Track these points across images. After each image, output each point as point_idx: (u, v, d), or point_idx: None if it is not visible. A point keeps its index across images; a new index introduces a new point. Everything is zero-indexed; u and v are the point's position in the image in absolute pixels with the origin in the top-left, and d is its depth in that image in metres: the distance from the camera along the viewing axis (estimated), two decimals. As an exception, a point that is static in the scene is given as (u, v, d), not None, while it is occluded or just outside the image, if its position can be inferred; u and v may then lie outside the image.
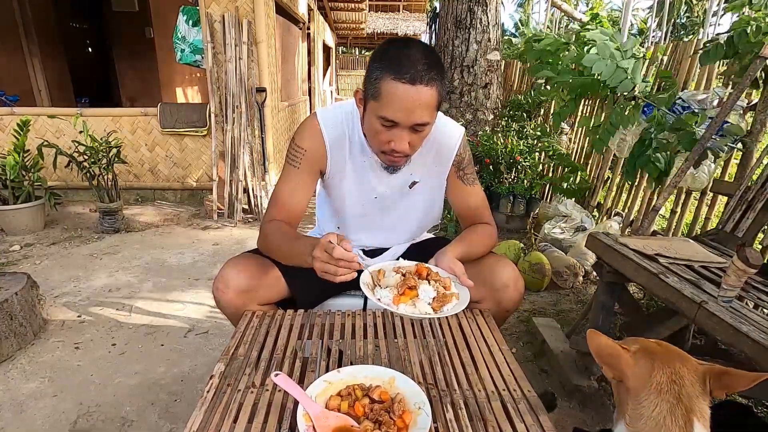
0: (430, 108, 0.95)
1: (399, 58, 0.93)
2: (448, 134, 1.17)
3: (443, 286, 0.94)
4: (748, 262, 1.01)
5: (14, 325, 1.81)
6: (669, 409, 0.65)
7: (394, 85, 0.91)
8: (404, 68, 0.91)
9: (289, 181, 1.13)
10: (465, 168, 1.20)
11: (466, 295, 0.94)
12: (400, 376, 0.81)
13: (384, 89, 0.93)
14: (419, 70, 0.91)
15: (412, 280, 0.93)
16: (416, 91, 0.91)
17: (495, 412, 0.78)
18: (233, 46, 3.55)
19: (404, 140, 0.97)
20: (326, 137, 1.11)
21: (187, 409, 1.54)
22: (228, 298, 1.07)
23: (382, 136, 0.99)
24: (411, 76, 0.90)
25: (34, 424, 1.47)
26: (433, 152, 1.16)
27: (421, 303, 0.90)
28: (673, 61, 2.52)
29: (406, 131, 0.96)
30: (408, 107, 0.92)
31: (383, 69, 0.93)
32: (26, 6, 5.02)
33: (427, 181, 1.20)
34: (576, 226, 2.88)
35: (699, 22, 13.64)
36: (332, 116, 1.12)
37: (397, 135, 0.97)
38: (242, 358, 0.92)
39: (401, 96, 0.92)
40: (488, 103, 3.93)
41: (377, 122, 0.97)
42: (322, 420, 0.71)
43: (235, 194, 3.63)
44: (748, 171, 1.76)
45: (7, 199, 3.11)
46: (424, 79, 0.91)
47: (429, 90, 0.93)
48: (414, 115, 0.94)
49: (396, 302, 0.90)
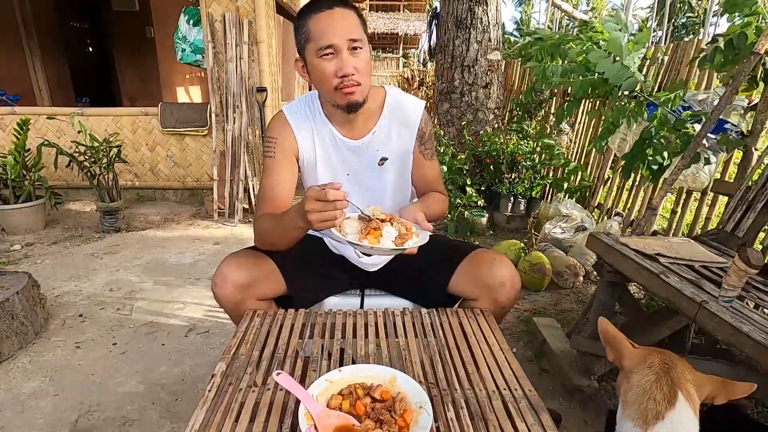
0: (356, 26, 1.03)
1: (313, 2, 1.04)
2: (409, 107, 1.21)
3: (405, 227, 1.00)
4: (749, 263, 1.01)
5: (15, 324, 1.81)
6: (655, 379, 0.71)
7: (317, 17, 1.01)
8: (319, 4, 1.02)
9: (269, 173, 1.16)
10: (426, 142, 1.24)
11: (426, 236, 1.00)
12: (401, 375, 0.81)
13: (312, 26, 1.02)
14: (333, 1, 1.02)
15: (375, 223, 0.98)
16: (338, 13, 1.02)
17: (496, 411, 0.78)
18: (234, 46, 3.55)
19: (349, 61, 1.02)
20: (292, 124, 1.16)
21: (188, 408, 1.54)
22: (226, 292, 1.08)
23: (328, 70, 1.03)
24: (328, 3, 1.02)
25: (35, 424, 1.47)
26: (397, 125, 1.19)
27: (385, 240, 0.96)
28: (674, 61, 2.52)
29: (347, 53, 1.02)
30: (336, 27, 1.01)
31: (305, 15, 1.03)
32: (27, 6, 5.02)
33: (395, 156, 1.22)
34: (576, 226, 2.88)
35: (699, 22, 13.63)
36: (295, 105, 1.19)
37: (340, 60, 1.02)
38: (244, 358, 0.92)
39: (326, 21, 1.01)
40: (489, 103, 3.92)
41: (321, 60, 1.03)
42: (323, 419, 0.71)
43: (236, 194, 3.64)
44: (748, 171, 1.76)
45: (8, 199, 3.11)
46: (339, 3, 1.02)
47: (349, 11, 1.03)
48: (346, 32, 1.01)
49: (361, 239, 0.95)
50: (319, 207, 0.87)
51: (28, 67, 5.23)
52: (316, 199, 0.87)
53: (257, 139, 3.74)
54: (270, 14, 3.83)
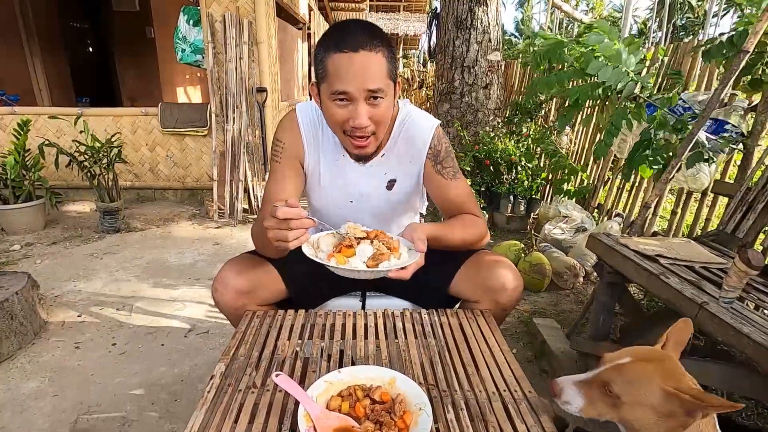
0: (379, 74, 0.93)
1: (339, 34, 0.93)
2: (420, 126, 1.13)
3: (387, 246, 0.93)
4: (749, 264, 1.01)
5: (14, 324, 1.81)
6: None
7: (339, 57, 0.91)
8: (345, 40, 0.91)
9: (275, 178, 1.13)
10: (442, 161, 1.15)
11: (413, 257, 0.92)
12: (400, 376, 0.81)
13: (330, 66, 0.92)
14: (360, 39, 0.91)
15: (348, 240, 0.93)
16: (361, 57, 0.90)
17: (496, 412, 0.77)
18: (234, 46, 3.55)
19: (362, 113, 0.94)
20: (303, 130, 1.11)
21: (188, 408, 1.54)
22: (227, 299, 1.07)
23: (339, 115, 0.96)
24: (353, 45, 0.90)
25: (34, 424, 1.47)
26: (406, 146, 1.13)
27: (355, 260, 0.90)
28: (674, 62, 2.52)
29: (362, 103, 0.94)
30: (356, 74, 0.91)
31: (326, 49, 0.93)
32: (27, 6, 5.02)
33: (404, 179, 1.17)
34: (576, 227, 2.88)
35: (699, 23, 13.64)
36: (309, 110, 1.13)
37: (353, 110, 0.94)
38: (243, 359, 0.92)
39: (347, 65, 0.91)
40: (489, 104, 3.92)
41: (333, 104, 0.95)
42: (323, 420, 0.71)
43: (236, 194, 3.64)
44: (748, 172, 1.76)
45: (8, 199, 3.11)
46: (366, 45, 0.91)
47: (375, 55, 0.92)
48: (364, 81, 0.91)
49: (329, 257, 0.90)
50: (273, 224, 0.82)
51: (28, 67, 5.23)
52: (272, 215, 0.82)
53: (257, 139, 3.74)
54: (270, 14, 3.83)
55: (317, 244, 0.97)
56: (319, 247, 0.97)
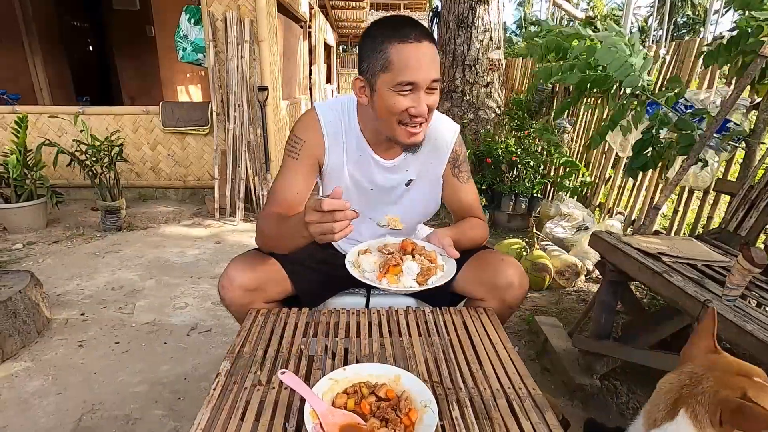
0: (438, 64, 0.98)
1: (397, 26, 0.96)
2: (443, 130, 1.17)
3: (428, 259, 0.96)
4: (753, 262, 1.01)
5: (18, 323, 1.82)
6: (667, 387, 0.66)
7: (404, 48, 0.94)
8: (406, 31, 0.94)
9: (287, 173, 1.12)
10: (460, 165, 1.21)
11: (453, 267, 0.96)
12: (405, 374, 0.81)
13: (395, 56, 0.94)
14: (420, 31, 0.95)
15: (394, 259, 0.94)
16: (425, 48, 0.95)
17: (501, 410, 0.78)
18: (235, 45, 3.55)
19: (424, 102, 0.98)
20: (324, 130, 1.11)
21: (191, 407, 1.54)
22: (233, 296, 1.07)
23: (400, 104, 0.97)
24: (416, 36, 0.94)
25: (38, 422, 1.47)
26: (429, 147, 1.16)
27: (406, 278, 0.92)
28: (676, 60, 2.52)
29: (424, 93, 0.97)
30: (423, 64, 0.95)
31: (385, 39, 0.95)
32: (27, 4, 5.01)
33: (423, 179, 1.19)
34: (578, 225, 2.88)
35: (700, 21, 13.62)
36: (331, 109, 1.13)
37: (416, 98, 0.97)
38: (248, 356, 0.92)
39: (414, 55, 0.94)
40: (490, 102, 3.92)
41: (393, 94, 0.97)
42: (329, 417, 0.71)
43: (237, 192, 3.64)
44: (751, 170, 1.76)
45: (10, 198, 3.11)
46: (427, 37, 0.96)
47: (433, 46, 0.97)
48: (431, 71, 0.96)
49: (379, 278, 0.92)
50: (317, 218, 0.82)
51: (28, 66, 5.22)
52: (314, 210, 0.82)
53: (258, 138, 3.74)
54: (271, 13, 3.83)
55: (358, 263, 0.98)
56: (360, 266, 0.97)
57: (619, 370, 1.69)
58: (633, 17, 15.27)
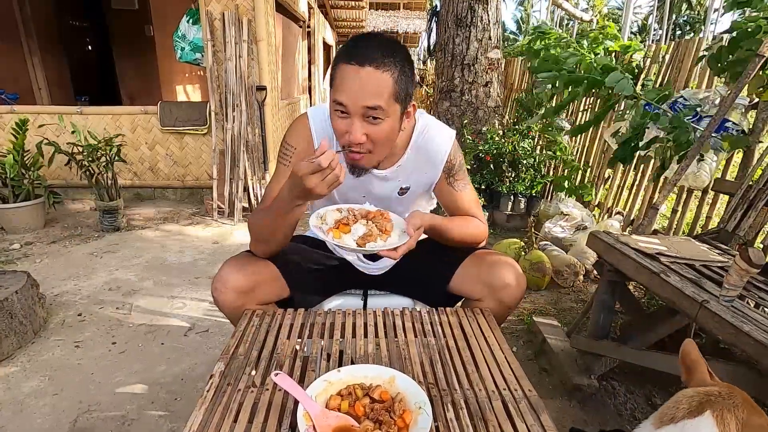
0: (381, 93, 0.92)
1: (355, 46, 0.94)
2: (438, 139, 1.15)
3: (381, 229, 0.97)
4: (750, 262, 1.00)
5: (14, 323, 1.81)
6: (693, 394, 0.65)
7: (344, 68, 0.92)
8: (356, 53, 0.92)
9: (279, 180, 1.11)
10: (455, 174, 1.18)
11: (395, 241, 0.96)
12: (400, 375, 0.81)
13: (337, 74, 0.94)
14: (370, 55, 0.91)
15: (348, 219, 0.98)
16: (365, 73, 0.90)
17: (496, 411, 0.77)
18: (233, 45, 3.54)
19: (357, 129, 0.94)
20: (315, 136, 1.11)
21: (188, 407, 1.54)
22: (227, 298, 1.06)
23: (337, 125, 0.97)
24: (360, 59, 0.91)
25: (34, 423, 1.47)
26: (423, 157, 1.14)
27: (348, 237, 0.94)
28: (675, 59, 2.51)
29: (359, 119, 0.94)
30: (355, 89, 0.91)
31: (338, 57, 0.95)
32: (26, 4, 5.00)
33: (417, 188, 1.19)
34: (577, 225, 2.88)
35: (700, 20, 13.61)
36: (321, 115, 1.12)
37: (349, 124, 0.95)
38: (242, 358, 0.91)
39: (349, 77, 0.91)
40: (489, 102, 3.91)
41: (334, 114, 0.97)
42: (322, 420, 0.70)
43: (236, 192, 3.63)
44: (749, 170, 1.75)
45: (7, 198, 3.10)
46: (374, 62, 0.90)
47: (380, 74, 0.91)
48: (361, 98, 0.91)
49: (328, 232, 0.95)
50: (318, 178, 0.84)
51: (27, 66, 5.21)
52: (312, 173, 0.84)
53: (257, 138, 3.74)
54: (270, 12, 3.82)
55: (324, 218, 1.00)
56: (325, 221, 1.00)
57: (617, 370, 1.69)
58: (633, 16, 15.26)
